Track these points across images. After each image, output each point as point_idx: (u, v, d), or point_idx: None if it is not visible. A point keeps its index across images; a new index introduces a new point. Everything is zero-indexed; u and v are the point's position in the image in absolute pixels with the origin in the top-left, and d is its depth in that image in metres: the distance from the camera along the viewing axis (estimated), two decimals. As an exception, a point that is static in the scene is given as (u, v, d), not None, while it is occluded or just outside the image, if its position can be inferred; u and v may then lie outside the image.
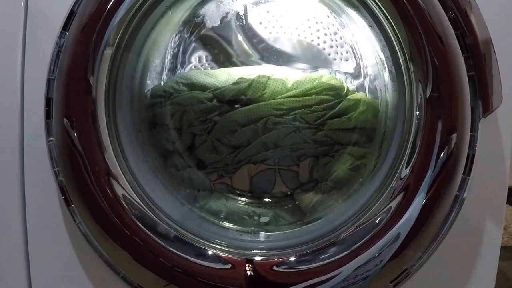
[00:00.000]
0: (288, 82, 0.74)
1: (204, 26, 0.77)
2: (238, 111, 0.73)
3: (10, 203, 0.65)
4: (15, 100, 0.64)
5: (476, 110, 0.56)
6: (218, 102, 0.74)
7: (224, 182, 0.77)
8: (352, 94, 0.74)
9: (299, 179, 0.77)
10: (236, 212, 0.74)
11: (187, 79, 0.75)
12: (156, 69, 0.75)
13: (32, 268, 0.66)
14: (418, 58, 0.56)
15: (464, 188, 0.56)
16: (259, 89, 0.73)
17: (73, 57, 0.57)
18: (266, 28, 0.78)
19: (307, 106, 0.73)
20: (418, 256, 0.56)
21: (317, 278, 0.56)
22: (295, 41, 0.78)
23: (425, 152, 0.55)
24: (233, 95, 0.73)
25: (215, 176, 0.76)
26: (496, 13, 0.62)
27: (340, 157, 0.74)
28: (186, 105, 0.73)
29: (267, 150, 0.74)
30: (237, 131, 0.73)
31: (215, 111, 0.73)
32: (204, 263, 0.57)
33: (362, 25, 0.68)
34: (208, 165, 0.76)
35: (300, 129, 0.73)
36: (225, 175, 0.76)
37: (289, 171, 0.77)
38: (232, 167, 0.75)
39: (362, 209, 0.59)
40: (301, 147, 0.74)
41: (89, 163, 0.57)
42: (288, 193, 0.77)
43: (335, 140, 0.74)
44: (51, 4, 0.64)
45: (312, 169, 0.76)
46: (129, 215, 0.57)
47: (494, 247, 0.65)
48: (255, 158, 0.75)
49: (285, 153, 0.75)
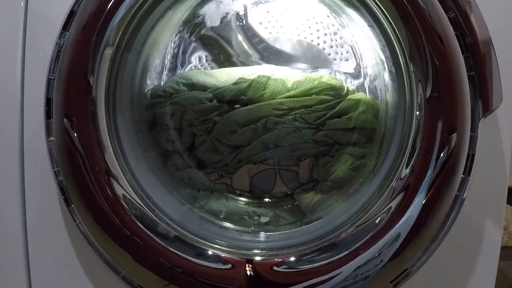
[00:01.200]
0: (288, 82, 0.74)
1: (204, 26, 0.77)
2: (238, 111, 0.73)
3: (10, 203, 0.65)
4: (15, 100, 0.64)
5: (476, 110, 0.56)
6: (218, 102, 0.74)
7: (224, 182, 0.77)
8: (352, 94, 0.74)
9: (299, 179, 0.77)
10: (236, 212, 0.74)
11: (187, 79, 0.75)
12: (156, 69, 0.75)
13: (32, 268, 0.66)
14: (418, 58, 0.56)
15: (464, 188, 0.56)
16: (259, 89, 0.73)
17: (73, 57, 0.57)
18: (266, 28, 0.78)
19: (307, 106, 0.73)
20: (418, 256, 0.56)
21: (317, 278, 0.56)
22: (295, 41, 0.78)
23: (425, 152, 0.55)
24: (233, 95, 0.73)
25: (215, 176, 0.76)
26: (496, 13, 0.62)
27: (340, 157, 0.74)
28: (186, 105, 0.73)
29: (267, 150, 0.74)
30: (237, 131, 0.73)
31: (215, 111, 0.73)
32: (204, 263, 0.57)
33: (362, 25, 0.68)
34: (208, 165, 0.76)
35: (300, 129, 0.73)
36: (225, 175, 0.76)
37: (289, 171, 0.77)
38: (232, 167, 0.75)
39: (362, 209, 0.59)
40: (301, 147, 0.74)
41: (89, 163, 0.57)
42: (288, 193, 0.77)
43: (335, 140, 0.74)
44: (51, 4, 0.64)
45: (312, 169, 0.76)
46: (129, 215, 0.57)
47: (494, 247, 0.65)
48: (255, 158, 0.75)
49: (285, 153, 0.75)
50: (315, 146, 0.74)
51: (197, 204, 0.73)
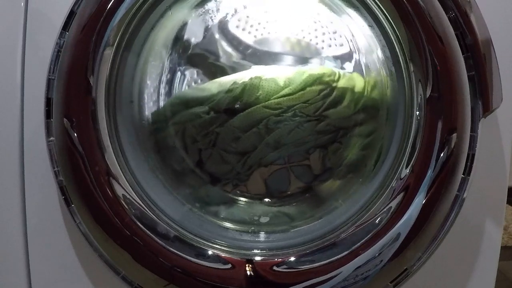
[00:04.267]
0: (280, 80, 0.73)
1: (190, 46, 0.76)
2: (237, 117, 0.73)
3: (10, 203, 0.65)
4: (15, 100, 0.64)
5: (476, 110, 0.56)
6: (216, 113, 0.73)
7: (240, 190, 0.76)
8: (345, 76, 0.73)
9: (312, 172, 0.76)
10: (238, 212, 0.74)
11: (181, 98, 0.75)
12: (157, 70, 0.75)
13: (32, 268, 0.66)
14: (418, 58, 0.56)
15: (464, 188, 0.56)
16: (253, 92, 0.72)
17: (73, 57, 0.57)
18: (249, 33, 0.76)
19: (305, 101, 0.72)
20: (418, 256, 0.56)
21: (317, 278, 0.56)
22: (282, 39, 0.76)
23: (425, 152, 0.55)
24: (229, 102, 0.72)
25: (230, 187, 0.76)
26: (496, 13, 0.62)
27: (348, 140, 0.73)
28: (185, 122, 0.73)
29: (274, 150, 0.74)
30: (240, 137, 0.73)
31: (214, 123, 0.73)
32: (204, 263, 0.57)
33: (362, 25, 0.68)
34: (221, 178, 0.75)
35: (302, 123, 0.73)
36: (239, 184, 0.76)
37: (300, 166, 0.76)
38: (244, 174, 0.75)
39: (362, 209, 0.59)
40: (307, 140, 0.73)
41: (89, 163, 0.57)
42: (288, 193, 0.77)
43: (338, 126, 0.72)
44: (51, 4, 0.64)
45: (324, 159, 0.75)
46: (129, 215, 0.57)
47: (494, 247, 0.65)
48: (264, 161, 0.75)
49: (293, 150, 0.74)
50: (321, 136, 0.73)
51: (197, 204, 0.73)
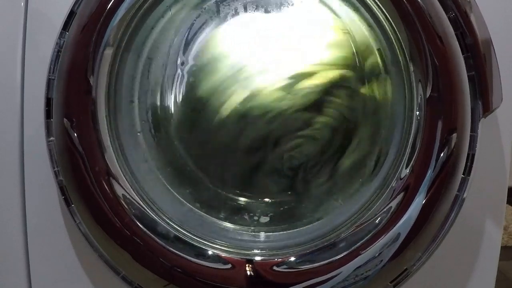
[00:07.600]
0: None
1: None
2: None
3: (10, 203, 0.65)
4: (15, 100, 0.64)
5: (476, 110, 0.56)
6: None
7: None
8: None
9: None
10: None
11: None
12: (157, 70, 0.75)
13: (32, 268, 0.66)
14: (418, 58, 0.56)
15: (464, 188, 0.56)
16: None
17: (73, 57, 0.57)
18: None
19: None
20: (418, 256, 0.56)
21: (317, 278, 0.56)
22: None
23: (425, 152, 0.55)
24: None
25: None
26: (496, 13, 0.62)
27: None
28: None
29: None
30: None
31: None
32: (204, 263, 0.57)
33: (362, 25, 0.68)
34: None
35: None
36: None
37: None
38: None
39: (362, 209, 0.59)
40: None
41: (89, 163, 0.57)
42: (289, 192, 0.77)
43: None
44: (51, 4, 0.64)
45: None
46: (129, 215, 0.57)
47: (494, 247, 0.65)
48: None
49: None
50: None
51: (197, 204, 0.72)
